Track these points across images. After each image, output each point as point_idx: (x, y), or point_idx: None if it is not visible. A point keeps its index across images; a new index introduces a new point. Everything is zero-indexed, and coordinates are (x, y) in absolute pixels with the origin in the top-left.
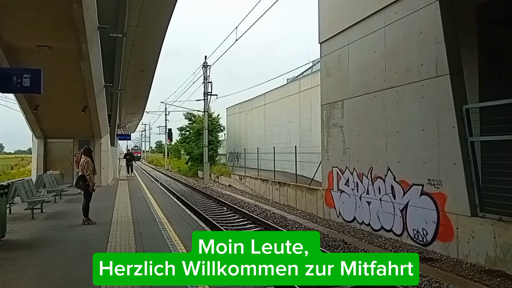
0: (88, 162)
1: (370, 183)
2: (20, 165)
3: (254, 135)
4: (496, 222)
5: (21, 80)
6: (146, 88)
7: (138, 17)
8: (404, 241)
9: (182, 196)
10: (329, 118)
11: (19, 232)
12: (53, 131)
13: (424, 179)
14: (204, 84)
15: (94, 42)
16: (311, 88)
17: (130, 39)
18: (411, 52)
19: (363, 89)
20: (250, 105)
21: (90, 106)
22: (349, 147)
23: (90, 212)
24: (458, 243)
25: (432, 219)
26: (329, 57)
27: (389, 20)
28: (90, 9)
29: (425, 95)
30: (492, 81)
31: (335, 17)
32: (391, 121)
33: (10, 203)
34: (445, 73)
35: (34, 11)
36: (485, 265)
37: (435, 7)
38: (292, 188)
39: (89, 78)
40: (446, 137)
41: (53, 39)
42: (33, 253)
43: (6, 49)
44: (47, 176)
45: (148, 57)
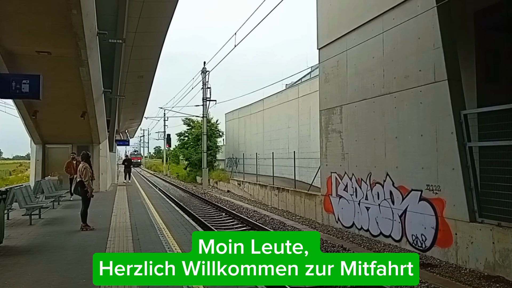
0: (86, 168)
1: (369, 189)
2: (18, 170)
3: (253, 140)
4: (495, 228)
5: (20, 85)
6: (145, 93)
7: (137, 23)
8: (403, 247)
9: (181, 202)
10: (327, 124)
11: (17, 238)
12: (51, 136)
13: (423, 185)
14: (203, 90)
15: (93, 48)
16: (310, 94)
17: (129, 45)
18: (409, 58)
19: (361, 94)
20: (249, 110)
21: (89, 112)
22: (347, 152)
23: (88, 218)
24: (457, 248)
25: (431, 224)
26: (327, 63)
27: (387, 26)
28: (90, 15)
29: (424, 101)
30: (490, 87)
31: (333, 23)
32: (390, 127)
33: (8, 209)
34: (443, 78)
35: (33, 17)
36: (484, 270)
37: (433, 13)
38: (291, 193)
39: (88, 83)
40: (445, 142)
41: (52, 45)
42: (31, 259)
43: (5, 55)
44: (45, 182)
45: (147, 63)
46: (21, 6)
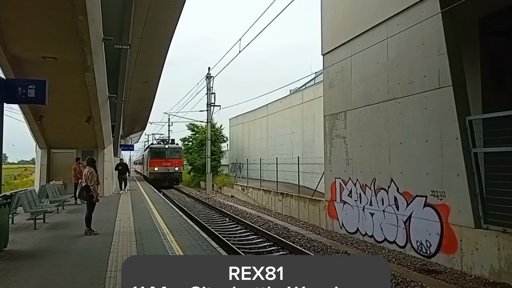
0: (92, 173)
1: (373, 194)
2: (23, 175)
3: (257, 145)
4: (500, 234)
5: (26, 91)
6: (150, 99)
7: (142, 29)
8: (408, 253)
9: (185, 207)
10: (332, 129)
11: (22, 242)
12: (56, 141)
13: (428, 191)
14: (207, 95)
15: (98, 53)
16: (314, 99)
17: (134, 50)
18: (414, 64)
19: (366, 100)
20: (253, 116)
21: (94, 117)
22: (352, 158)
23: (92, 223)
24: (462, 255)
25: (436, 230)
26: (332, 69)
27: (391, 32)
28: (95, 21)
29: (428, 107)
30: (495, 92)
31: (337, 29)
32: (394, 132)
33: (13, 213)
34: (448, 84)
35: (40, 23)
36: (489, 277)
37: (438, 19)
38: (295, 199)
39: (93, 89)
40: (449, 148)
41: (58, 51)
42: (35, 263)
43: (12, 60)
44: (50, 187)
45: (152, 68)
46: (28, 12)
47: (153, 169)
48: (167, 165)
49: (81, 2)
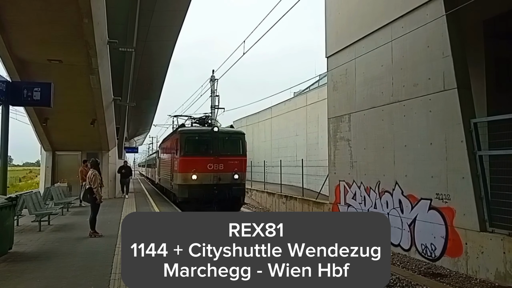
0: (95, 175)
1: (377, 197)
2: (28, 177)
3: (261, 148)
4: (505, 238)
5: (31, 93)
6: (154, 101)
7: (147, 32)
8: (412, 256)
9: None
10: (336, 132)
11: (26, 244)
12: (61, 143)
13: (432, 194)
14: (211, 98)
15: (103, 56)
16: (318, 102)
17: (139, 53)
18: (418, 66)
19: (370, 102)
20: (257, 118)
21: (98, 119)
22: (356, 160)
23: (96, 225)
24: (467, 258)
25: (441, 234)
26: (336, 71)
27: (396, 34)
28: (101, 24)
29: (433, 109)
30: (500, 95)
31: (342, 31)
32: (399, 135)
33: (18, 215)
34: (453, 87)
35: (45, 26)
36: (494, 281)
37: (442, 22)
38: (299, 201)
39: (98, 91)
40: (454, 151)
41: (63, 53)
42: (40, 265)
43: (17, 63)
44: (54, 189)
45: (157, 70)
46: (34, 15)
47: (187, 176)
48: (219, 168)
49: (87, 5)
